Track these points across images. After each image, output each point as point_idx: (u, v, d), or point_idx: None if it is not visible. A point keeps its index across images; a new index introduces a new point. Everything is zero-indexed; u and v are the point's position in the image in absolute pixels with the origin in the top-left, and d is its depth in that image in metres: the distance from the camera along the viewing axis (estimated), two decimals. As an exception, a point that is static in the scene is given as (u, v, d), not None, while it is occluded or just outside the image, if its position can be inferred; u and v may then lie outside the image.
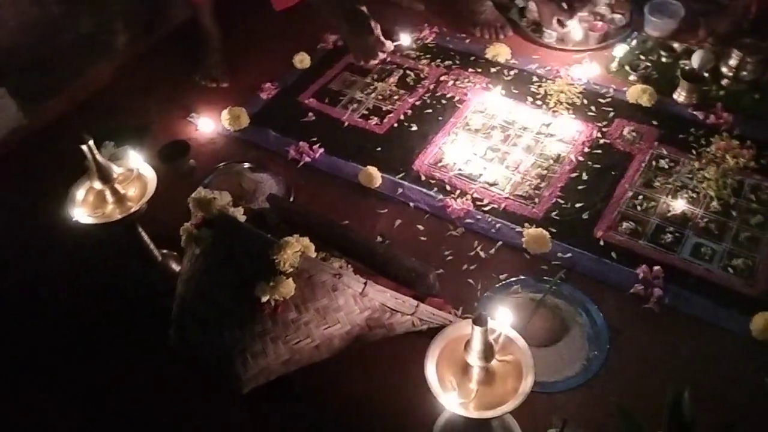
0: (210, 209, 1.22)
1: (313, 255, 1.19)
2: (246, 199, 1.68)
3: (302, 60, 2.16)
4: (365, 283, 1.16)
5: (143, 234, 1.50)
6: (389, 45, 1.77)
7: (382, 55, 1.78)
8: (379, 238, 1.63)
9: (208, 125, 1.98)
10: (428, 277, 1.36)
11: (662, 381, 1.31)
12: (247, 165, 1.83)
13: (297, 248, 1.12)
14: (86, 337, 1.52)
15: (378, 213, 1.71)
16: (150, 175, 1.42)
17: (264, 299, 1.11)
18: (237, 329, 1.14)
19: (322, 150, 1.87)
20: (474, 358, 1.01)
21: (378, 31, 1.75)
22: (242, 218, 1.26)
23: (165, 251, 1.57)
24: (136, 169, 1.43)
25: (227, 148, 1.93)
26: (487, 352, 1.01)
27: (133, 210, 1.37)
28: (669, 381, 1.29)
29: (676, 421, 0.97)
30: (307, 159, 1.85)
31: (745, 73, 1.93)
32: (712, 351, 1.38)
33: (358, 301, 1.15)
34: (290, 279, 1.11)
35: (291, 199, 1.73)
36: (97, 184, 1.37)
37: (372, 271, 1.37)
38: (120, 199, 1.39)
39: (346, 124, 1.97)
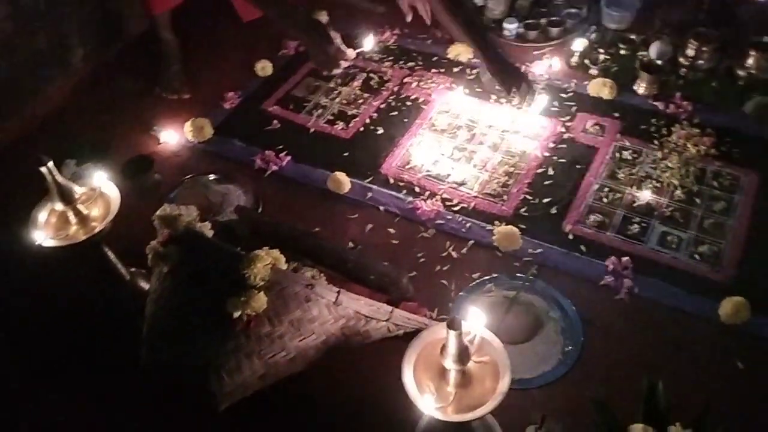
0: (176, 226, 1.21)
1: (284, 266, 1.18)
2: (213, 211, 1.66)
3: (264, 67, 2.14)
4: (338, 292, 1.15)
5: (109, 253, 1.46)
6: (350, 53, 1.76)
7: (344, 64, 1.77)
8: (350, 244, 1.62)
9: (172, 138, 1.95)
10: (401, 281, 1.36)
11: (636, 370, 1.34)
12: (213, 177, 1.80)
13: (267, 261, 1.12)
14: (53, 361, 1.49)
15: (348, 219, 1.70)
16: (113, 194, 1.40)
17: (236, 315, 1.10)
18: (210, 346, 1.12)
19: (288, 158, 1.86)
20: (450, 362, 1.01)
21: (338, 40, 1.74)
22: (210, 233, 1.25)
23: (133, 269, 1.54)
24: (99, 187, 1.40)
25: (192, 160, 1.91)
26: (463, 355, 1.01)
27: (97, 230, 1.34)
28: (642, 370, 1.32)
29: (652, 410, 0.99)
30: (274, 168, 1.84)
31: (701, 62, 1.97)
32: (683, 338, 1.41)
33: (332, 311, 1.14)
34: (262, 293, 1.10)
35: (259, 210, 1.71)
36: (59, 206, 1.33)
37: (345, 278, 1.37)
38: (83, 219, 1.36)
39: (312, 130, 1.95)
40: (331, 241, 1.57)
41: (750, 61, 1.92)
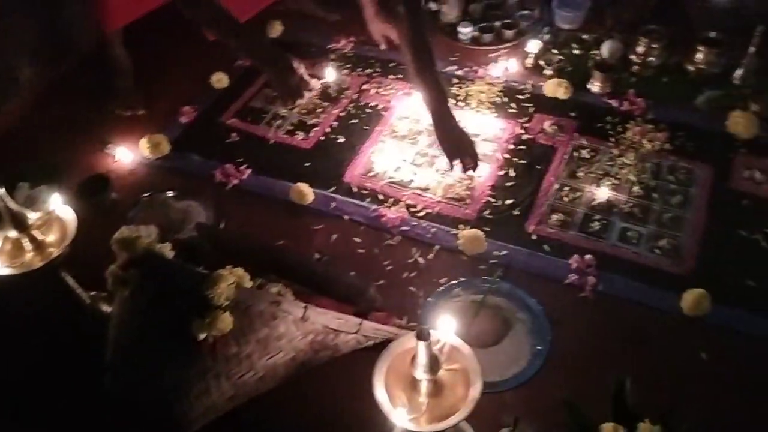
0: (135, 248, 1.18)
1: (249, 284, 1.16)
2: (174, 229, 1.63)
3: (220, 79, 2.11)
4: (305, 307, 1.14)
5: (68, 278, 1.43)
6: (315, 83, 1.75)
7: (308, 95, 1.76)
8: (316, 256, 1.61)
9: (127, 156, 1.91)
10: (368, 291, 1.36)
11: (605, 367, 1.36)
12: (172, 193, 1.77)
13: (230, 280, 1.10)
14: (13, 388, 1.44)
15: (313, 230, 1.69)
16: (69, 217, 1.36)
17: (201, 336, 1.08)
18: (177, 370, 1.10)
19: (249, 171, 1.84)
20: (421, 372, 1.01)
21: (302, 70, 1.72)
22: (171, 253, 1.22)
23: (93, 293, 1.50)
24: (54, 211, 1.36)
25: (150, 177, 1.87)
26: (433, 365, 1.01)
27: (54, 256, 1.31)
28: (610, 366, 1.35)
29: (621, 409, 1.00)
30: (235, 181, 1.81)
31: (652, 58, 2.01)
32: (648, 332, 1.43)
33: (299, 326, 1.13)
34: (226, 313, 1.08)
35: (221, 225, 1.68)
36: (13, 233, 1.29)
37: (312, 291, 1.36)
38: (39, 245, 1.32)
39: (272, 141, 1.94)
40: (296, 253, 1.56)
41: (699, 57, 1.97)
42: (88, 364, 1.27)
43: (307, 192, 1.74)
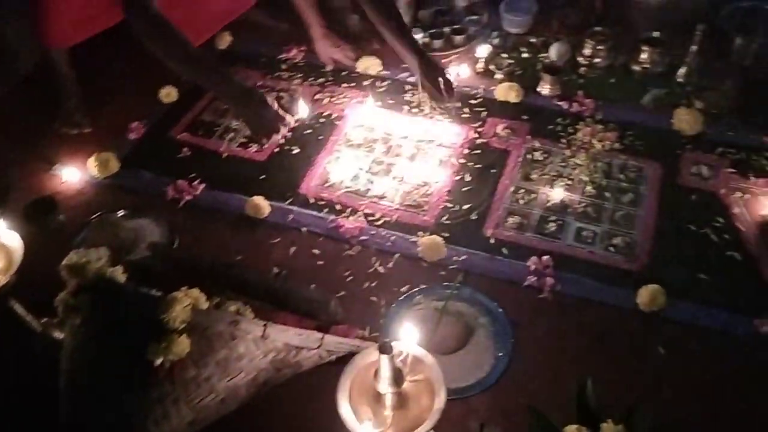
0: (84, 274, 1.14)
1: (205, 305, 1.13)
2: (126, 250, 1.58)
3: (169, 93, 2.07)
4: (265, 326, 1.12)
5: (17, 306, 1.37)
6: (290, 119, 1.72)
7: (284, 130, 1.73)
8: (275, 270, 1.58)
9: (75, 175, 1.85)
10: (329, 304, 1.35)
11: (567, 366, 1.38)
12: (123, 213, 1.72)
13: (186, 302, 1.07)
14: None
15: (271, 243, 1.66)
16: (15, 243, 1.31)
17: (158, 361, 1.05)
18: (134, 397, 1.07)
19: (202, 186, 1.80)
20: (384, 386, 1.00)
21: (275, 105, 1.70)
22: (123, 276, 1.19)
23: (45, 320, 1.44)
24: (-2, 237, 1.31)
25: (99, 197, 1.81)
26: (397, 377, 1.00)
27: (0, 285, 1.26)
28: (572, 365, 1.37)
29: (584, 410, 1.01)
30: (188, 197, 1.77)
31: (599, 60, 2.06)
32: (607, 329, 1.45)
33: (260, 345, 1.11)
34: (183, 336, 1.06)
35: (175, 244, 1.64)
36: (-47, 263, 1.24)
37: (272, 307, 1.34)
38: (-17, 274, 1.27)
39: (225, 155, 1.90)
40: (254, 269, 1.54)
41: (643, 56, 2.02)
42: (41, 393, 1.22)
43: (263, 205, 1.71)
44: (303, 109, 1.85)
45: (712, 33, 1.96)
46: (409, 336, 1.09)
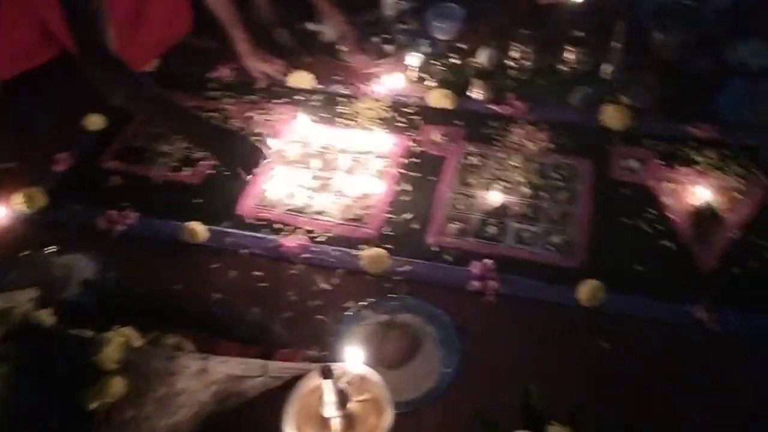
0: (10, 320, 1.09)
1: (139, 342, 1.09)
2: (58, 288, 1.52)
3: (95, 121, 2.00)
4: (204, 358, 1.09)
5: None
6: (266, 150, 1.68)
7: (263, 163, 1.69)
8: (217, 296, 1.55)
9: (1, 213, 1.77)
10: (273, 328, 1.32)
11: (514, 369, 1.39)
12: (53, 249, 1.65)
13: (118, 342, 1.03)
14: None
15: (210, 269, 1.62)
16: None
17: (93, 405, 1.00)
18: (70, 445, 1.02)
19: (136, 215, 1.74)
20: (330, 410, 0.99)
21: (251, 139, 1.65)
22: (52, 319, 1.14)
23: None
24: None
25: (27, 234, 1.73)
26: (342, 400, 0.99)
27: None
28: (520, 367, 1.38)
29: (529, 414, 1.02)
30: (121, 228, 1.71)
31: (527, 62, 2.09)
32: (551, 328, 1.47)
33: (200, 379, 1.08)
34: (117, 377, 1.01)
35: (109, 277, 1.58)
36: None
37: (214, 336, 1.31)
38: None
39: (158, 181, 1.85)
40: (193, 298, 1.49)
41: (568, 56, 2.07)
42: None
43: (199, 230, 1.67)
44: (273, 144, 1.82)
45: (633, 29, 2.02)
46: (353, 355, 1.08)
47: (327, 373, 0.93)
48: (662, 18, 2.12)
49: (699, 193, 1.69)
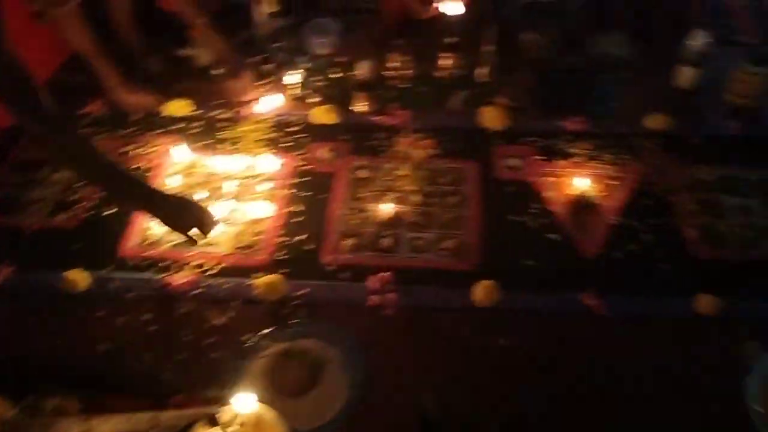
0: None
1: (12, 411, 1.01)
2: None
3: (-46, 173, 1.85)
4: (86, 419, 1.02)
5: None
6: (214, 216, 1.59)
7: (215, 227, 1.58)
8: (104, 347, 1.45)
9: None
10: (163, 375, 1.25)
11: (420, 380, 1.39)
12: None
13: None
14: None
15: (95, 318, 1.52)
16: None
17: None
18: None
19: (9, 269, 1.62)
20: (223, 457, 0.95)
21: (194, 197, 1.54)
22: None
23: None
24: None
25: None
26: (235, 446, 0.95)
27: None
28: (425, 377, 1.38)
29: (425, 426, 1.01)
30: (-8, 287, 1.59)
31: (405, 71, 2.12)
32: (452, 333, 1.48)
33: (83, 444, 1.01)
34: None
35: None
36: None
37: (100, 393, 1.23)
38: None
39: (31, 230, 1.73)
40: (77, 352, 1.40)
41: (443, 63, 2.11)
42: None
43: (80, 278, 1.57)
44: (222, 209, 1.74)
45: (503, 32, 2.08)
46: (247, 395, 1.04)
47: (211, 421, 0.89)
48: (529, 19, 2.20)
49: (576, 184, 1.76)
